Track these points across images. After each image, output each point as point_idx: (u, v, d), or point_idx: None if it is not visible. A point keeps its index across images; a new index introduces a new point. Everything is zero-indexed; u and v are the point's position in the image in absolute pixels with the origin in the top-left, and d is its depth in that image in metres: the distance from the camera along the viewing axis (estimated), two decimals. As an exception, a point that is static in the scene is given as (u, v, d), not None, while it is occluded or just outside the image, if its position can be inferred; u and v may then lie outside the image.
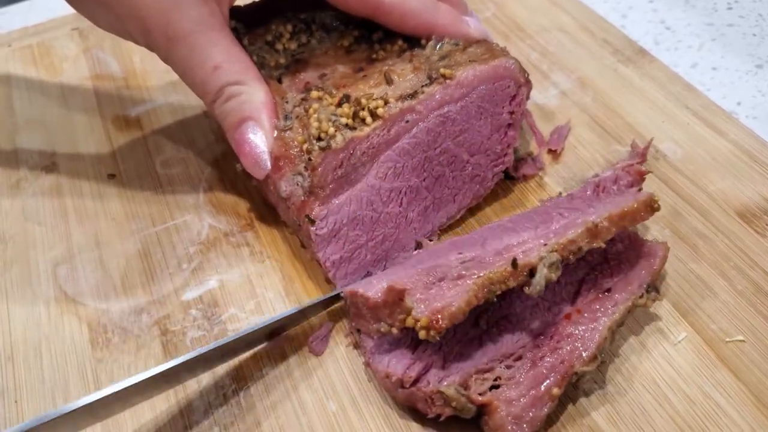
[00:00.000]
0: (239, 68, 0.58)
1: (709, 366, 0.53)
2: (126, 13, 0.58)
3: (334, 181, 0.54)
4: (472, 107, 0.59)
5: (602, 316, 0.51)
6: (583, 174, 0.68)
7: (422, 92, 0.56)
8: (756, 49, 0.82)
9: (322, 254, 0.56)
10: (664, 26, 0.87)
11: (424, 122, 0.57)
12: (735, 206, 0.63)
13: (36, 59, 0.85)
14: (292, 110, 0.58)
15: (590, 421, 0.50)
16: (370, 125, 0.55)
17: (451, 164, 0.61)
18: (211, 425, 0.52)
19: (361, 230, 0.57)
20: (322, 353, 0.56)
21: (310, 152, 0.54)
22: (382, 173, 0.57)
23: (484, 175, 0.64)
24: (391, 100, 0.56)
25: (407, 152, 0.57)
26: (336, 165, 0.54)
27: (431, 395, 0.48)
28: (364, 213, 0.57)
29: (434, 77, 0.57)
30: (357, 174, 0.55)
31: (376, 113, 0.55)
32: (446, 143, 0.59)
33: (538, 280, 0.48)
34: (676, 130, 0.71)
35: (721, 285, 0.58)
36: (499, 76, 0.60)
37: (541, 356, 0.49)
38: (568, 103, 0.75)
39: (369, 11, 0.62)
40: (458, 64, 0.59)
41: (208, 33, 0.58)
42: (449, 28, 0.62)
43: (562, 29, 0.84)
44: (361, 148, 0.55)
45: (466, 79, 0.58)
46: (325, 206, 0.55)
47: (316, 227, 0.55)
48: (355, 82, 0.60)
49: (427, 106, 0.57)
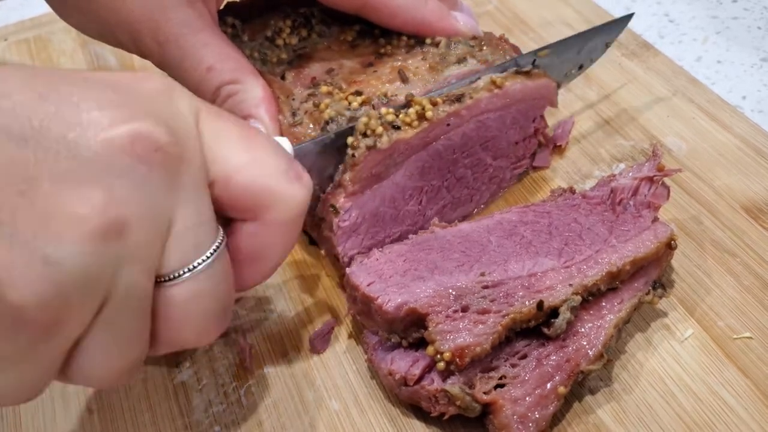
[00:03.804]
0: (232, 67, 0.57)
1: (716, 363, 0.52)
2: (114, 22, 0.58)
3: (367, 178, 0.54)
4: (507, 117, 0.60)
5: (608, 313, 0.51)
6: (587, 169, 0.67)
7: (470, 97, 0.56)
8: (761, 42, 0.81)
9: (341, 248, 0.55)
10: (668, 19, 0.86)
11: (463, 126, 0.57)
12: (741, 201, 0.63)
13: (33, 53, 0.84)
14: (299, 106, 0.57)
15: (596, 419, 0.50)
16: (417, 127, 0.54)
17: (475, 166, 0.61)
18: (212, 424, 0.51)
19: (380, 227, 0.57)
20: (324, 351, 0.55)
21: (355, 148, 0.53)
22: (410, 172, 0.56)
23: (503, 177, 0.64)
24: (439, 101, 0.55)
25: (438, 153, 0.57)
26: (375, 163, 0.54)
27: (435, 394, 0.47)
28: (385, 210, 0.57)
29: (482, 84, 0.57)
30: (387, 172, 0.55)
31: (425, 116, 0.54)
32: (475, 147, 0.59)
33: (560, 324, 0.48)
34: (681, 124, 0.70)
35: (728, 281, 0.57)
36: (541, 96, 0.61)
37: (546, 354, 0.49)
38: (572, 98, 0.74)
39: (357, 7, 0.61)
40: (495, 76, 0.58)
41: (197, 34, 0.57)
42: (437, 23, 0.61)
43: (566, 22, 0.83)
44: (401, 148, 0.54)
45: (514, 92, 0.59)
46: (350, 199, 0.54)
47: (340, 219, 0.54)
48: (366, 78, 0.59)
49: (471, 111, 0.56)
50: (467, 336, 0.47)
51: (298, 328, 0.56)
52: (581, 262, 0.52)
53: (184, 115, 0.38)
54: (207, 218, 0.38)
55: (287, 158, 0.42)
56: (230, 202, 0.40)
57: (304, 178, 0.42)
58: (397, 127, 0.54)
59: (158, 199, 0.35)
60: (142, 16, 0.56)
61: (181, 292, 0.38)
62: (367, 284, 0.51)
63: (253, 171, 0.39)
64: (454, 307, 0.48)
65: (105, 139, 0.34)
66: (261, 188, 0.40)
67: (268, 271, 0.44)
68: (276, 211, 0.40)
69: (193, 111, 0.38)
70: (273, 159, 0.41)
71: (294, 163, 0.42)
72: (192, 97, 0.39)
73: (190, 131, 0.37)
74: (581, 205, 0.57)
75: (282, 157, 0.42)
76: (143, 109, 0.35)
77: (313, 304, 0.58)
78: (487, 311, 0.48)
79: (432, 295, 0.49)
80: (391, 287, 0.50)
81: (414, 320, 0.49)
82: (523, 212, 0.57)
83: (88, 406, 0.52)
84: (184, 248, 0.37)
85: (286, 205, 0.40)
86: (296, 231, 0.43)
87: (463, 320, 0.48)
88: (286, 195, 0.40)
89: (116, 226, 0.33)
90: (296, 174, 0.41)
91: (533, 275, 0.51)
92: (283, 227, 0.41)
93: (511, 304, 0.49)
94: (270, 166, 0.40)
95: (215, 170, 0.38)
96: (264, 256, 0.43)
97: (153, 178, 0.35)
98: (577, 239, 0.54)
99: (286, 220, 0.41)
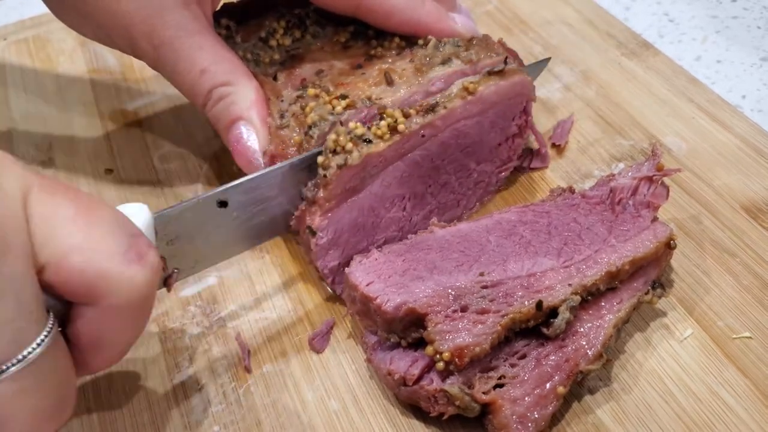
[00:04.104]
0: (226, 69, 0.58)
1: (715, 363, 0.52)
2: (110, 24, 0.58)
3: (341, 193, 0.53)
4: (485, 121, 0.59)
5: (607, 313, 0.51)
6: (587, 168, 0.67)
7: (444, 107, 0.55)
8: (761, 42, 0.81)
9: (320, 263, 0.55)
10: (668, 19, 0.86)
11: (439, 136, 0.56)
12: (741, 201, 0.63)
13: (32, 53, 0.84)
14: (287, 108, 0.57)
15: (595, 419, 0.50)
16: (388, 140, 0.53)
17: (458, 172, 0.60)
18: (211, 424, 0.51)
19: (362, 236, 0.56)
20: (323, 351, 0.55)
21: (327, 168, 0.52)
22: (387, 182, 0.56)
23: (489, 180, 0.64)
24: (412, 113, 0.54)
25: (416, 163, 0.56)
26: (348, 179, 0.53)
27: (434, 393, 0.47)
28: (365, 219, 0.56)
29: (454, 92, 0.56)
30: (363, 184, 0.54)
31: (396, 129, 0.53)
32: (456, 154, 0.59)
33: (559, 324, 0.48)
34: (681, 124, 0.70)
35: (728, 281, 0.57)
36: (516, 93, 0.60)
37: (545, 354, 0.48)
38: (572, 97, 0.74)
39: (351, 9, 0.61)
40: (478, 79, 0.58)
41: (192, 37, 0.57)
42: (434, 25, 0.61)
43: (566, 22, 0.83)
44: (374, 161, 0.54)
45: (489, 95, 0.57)
46: (326, 216, 0.53)
47: (317, 238, 0.53)
48: (353, 80, 0.59)
49: (446, 121, 0.56)
50: (466, 336, 0.47)
51: (297, 328, 0.56)
52: (580, 261, 0.52)
53: (8, 196, 0.35)
54: (29, 309, 0.35)
55: (128, 236, 0.39)
56: (63, 287, 0.36)
57: (148, 257, 0.38)
58: (368, 140, 0.53)
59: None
60: (138, 18, 0.56)
61: (3, 390, 0.34)
62: (366, 284, 0.51)
63: (85, 254, 0.36)
64: (454, 307, 0.48)
65: None
66: (94, 272, 0.36)
67: (114, 356, 0.41)
68: (112, 297, 0.37)
69: (20, 189, 0.35)
70: (110, 239, 0.37)
71: (137, 241, 0.39)
72: (22, 174, 0.36)
73: (13, 214, 0.34)
74: (580, 204, 0.57)
75: (122, 235, 0.38)
76: None
77: (313, 304, 0.58)
78: (487, 311, 0.48)
79: (431, 295, 0.49)
80: (390, 287, 0.50)
81: (413, 320, 0.49)
82: (522, 212, 0.57)
83: (88, 406, 0.52)
84: (5, 341, 0.34)
85: (123, 289, 0.37)
86: (141, 315, 0.40)
87: (463, 320, 0.48)
88: (122, 279, 0.37)
89: None
90: (137, 254, 0.38)
91: (532, 275, 0.51)
92: (123, 312, 0.38)
93: (510, 304, 0.49)
94: (105, 247, 0.37)
95: (46, 254, 0.35)
96: (106, 342, 0.39)
97: None
98: (576, 239, 0.54)
99: (125, 306, 0.38)
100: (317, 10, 0.64)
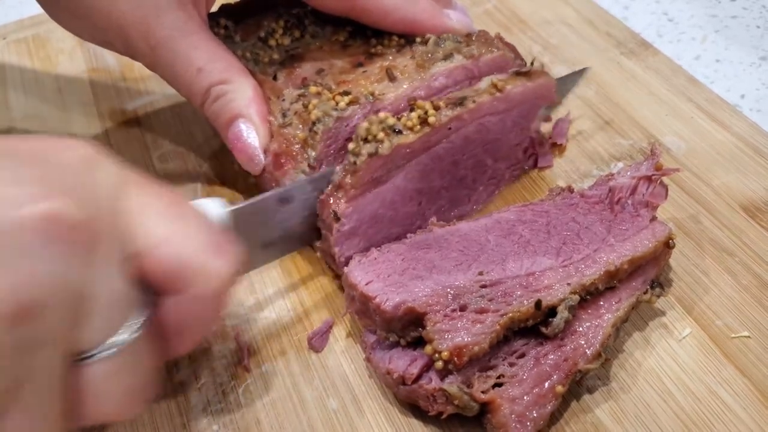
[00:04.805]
0: (222, 67, 0.58)
1: (714, 362, 0.52)
2: (106, 25, 0.58)
3: (368, 182, 0.54)
4: (508, 119, 0.60)
5: (606, 312, 0.51)
6: (586, 168, 0.67)
7: (473, 101, 0.56)
8: (760, 41, 0.81)
9: (339, 249, 0.55)
10: (667, 18, 0.86)
11: (463, 130, 0.57)
12: (740, 200, 0.63)
13: (31, 52, 0.84)
14: (289, 107, 0.57)
15: (594, 418, 0.50)
16: (418, 132, 0.54)
17: (475, 168, 0.61)
18: (210, 423, 0.51)
19: (378, 228, 0.57)
20: (322, 350, 0.55)
21: (357, 155, 0.53)
22: (411, 175, 0.56)
23: (501, 177, 0.64)
24: (442, 105, 0.55)
25: (439, 157, 0.57)
26: (376, 168, 0.54)
27: (433, 393, 0.47)
28: (384, 212, 0.56)
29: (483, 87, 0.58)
30: (388, 176, 0.55)
31: (426, 121, 0.54)
32: (477, 149, 0.59)
33: (557, 323, 0.48)
34: (680, 123, 0.70)
35: (726, 280, 0.57)
36: (540, 96, 0.61)
37: (544, 354, 0.49)
38: (570, 96, 0.74)
39: (345, 9, 0.61)
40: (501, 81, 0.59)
41: (188, 37, 0.57)
42: (429, 22, 0.61)
43: (565, 22, 0.83)
44: (402, 153, 0.54)
45: (515, 95, 0.59)
46: (351, 203, 0.54)
47: (340, 224, 0.54)
48: (355, 77, 0.59)
49: (473, 115, 0.57)
50: (465, 335, 0.47)
51: (296, 327, 0.56)
52: (579, 261, 0.52)
53: (104, 188, 0.36)
54: (123, 296, 0.37)
55: (212, 232, 0.41)
56: (153, 277, 0.38)
57: (228, 252, 0.41)
58: (399, 131, 0.54)
59: (71, 280, 0.34)
60: (134, 19, 0.57)
61: (98, 371, 0.36)
62: (366, 283, 0.51)
63: (175, 246, 0.38)
64: (453, 307, 0.48)
65: (17, 219, 0.32)
66: (183, 263, 0.39)
67: (194, 342, 0.44)
68: (198, 287, 0.39)
69: (115, 183, 0.37)
70: (196, 233, 0.40)
71: (219, 237, 0.41)
72: (117, 168, 0.38)
73: (109, 206, 0.36)
74: (579, 204, 0.57)
75: (206, 231, 0.41)
76: (60, 183, 0.34)
77: (312, 303, 0.58)
78: (486, 310, 0.48)
79: (430, 294, 0.49)
80: (390, 286, 0.50)
81: (412, 319, 0.49)
82: (521, 211, 0.57)
83: (87, 405, 0.52)
84: (100, 327, 0.36)
85: (208, 280, 0.39)
86: (221, 304, 0.42)
87: (462, 319, 0.48)
88: (208, 270, 0.39)
89: (27, 310, 0.32)
90: (221, 247, 0.40)
91: (531, 274, 0.51)
92: (207, 302, 0.41)
93: (509, 303, 0.49)
94: (192, 241, 0.39)
95: (137, 245, 0.37)
96: (189, 328, 0.42)
97: (66, 258, 0.33)
98: (575, 238, 0.54)
99: (209, 295, 0.40)
100: (315, 10, 0.65)
